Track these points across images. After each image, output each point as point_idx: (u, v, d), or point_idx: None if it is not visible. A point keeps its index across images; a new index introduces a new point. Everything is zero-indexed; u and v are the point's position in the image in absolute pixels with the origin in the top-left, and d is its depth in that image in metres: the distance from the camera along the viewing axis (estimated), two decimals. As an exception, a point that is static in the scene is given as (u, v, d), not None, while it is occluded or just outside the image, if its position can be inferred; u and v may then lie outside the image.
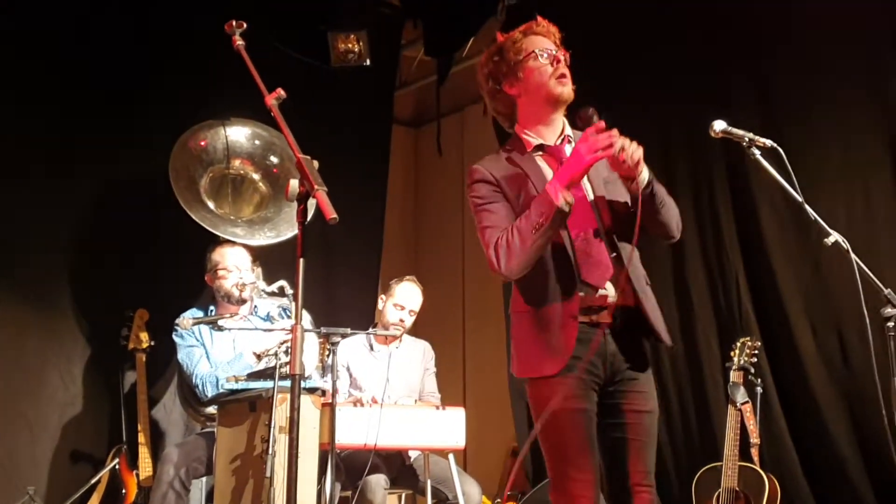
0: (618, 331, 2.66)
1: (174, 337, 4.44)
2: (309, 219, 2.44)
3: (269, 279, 4.23)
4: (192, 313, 4.48)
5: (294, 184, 2.36)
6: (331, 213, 2.24)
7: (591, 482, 2.58)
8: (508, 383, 5.89)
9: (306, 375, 4.00)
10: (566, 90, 2.75)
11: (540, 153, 2.76)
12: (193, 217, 4.76)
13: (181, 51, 5.35)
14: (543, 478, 5.35)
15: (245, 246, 4.70)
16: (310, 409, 3.79)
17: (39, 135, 4.99)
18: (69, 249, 5.10)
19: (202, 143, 5.07)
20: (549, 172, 2.71)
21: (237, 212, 5.19)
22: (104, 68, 5.20)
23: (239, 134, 5.19)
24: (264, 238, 4.98)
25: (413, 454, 4.55)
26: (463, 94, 6.84)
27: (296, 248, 2.42)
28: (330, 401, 3.89)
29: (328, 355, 4.04)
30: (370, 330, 4.73)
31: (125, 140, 5.20)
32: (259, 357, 4.10)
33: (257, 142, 5.22)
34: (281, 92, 2.53)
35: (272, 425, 3.51)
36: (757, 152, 2.96)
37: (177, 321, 4.37)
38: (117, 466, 4.70)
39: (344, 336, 4.08)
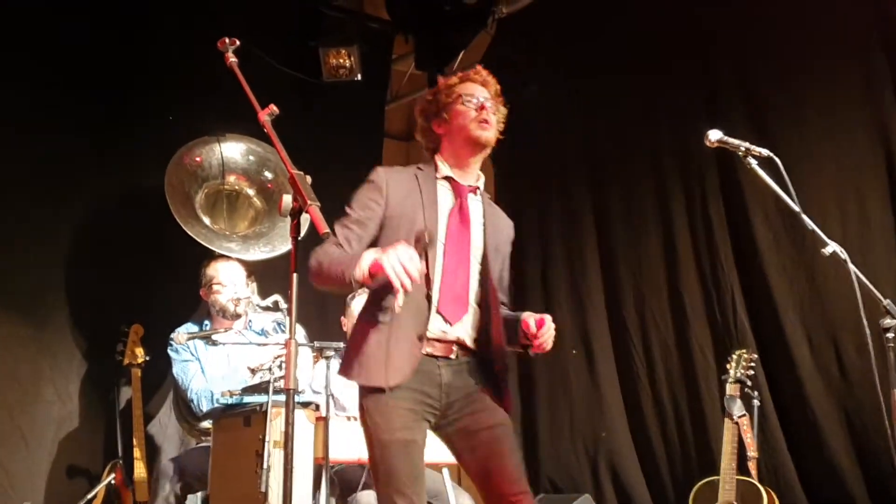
0: (456, 363, 2.75)
1: (169, 352, 4.43)
2: (303, 234, 2.45)
3: (264, 294, 4.23)
4: (187, 328, 4.48)
5: (287, 199, 2.37)
6: (324, 228, 2.26)
7: None
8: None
9: (300, 390, 3.99)
10: (486, 134, 2.86)
11: (446, 182, 2.89)
12: (188, 232, 4.76)
13: (176, 66, 5.36)
14: (539, 491, 5.34)
15: (240, 261, 4.70)
16: (304, 423, 3.78)
17: (35, 150, 4.98)
18: (64, 265, 5.08)
19: (197, 159, 5.08)
20: (446, 200, 2.85)
21: (232, 227, 5.19)
22: (99, 83, 5.21)
23: (234, 150, 5.19)
24: (259, 253, 4.98)
25: (408, 468, 4.52)
26: (456, 107, 6.82)
27: (290, 262, 2.43)
28: (324, 415, 3.88)
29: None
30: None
31: (120, 155, 5.21)
32: (253, 372, 4.09)
33: (252, 157, 5.23)
34: (273, 108, 2.54)
35: (266, 440, 3.50)
36: (753, 162, 2.98)
37: (171, 336, 4.36)
38: (113, 481, 4.68)
39: (337, 350, 4.07)
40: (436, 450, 4.10)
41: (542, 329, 2.71)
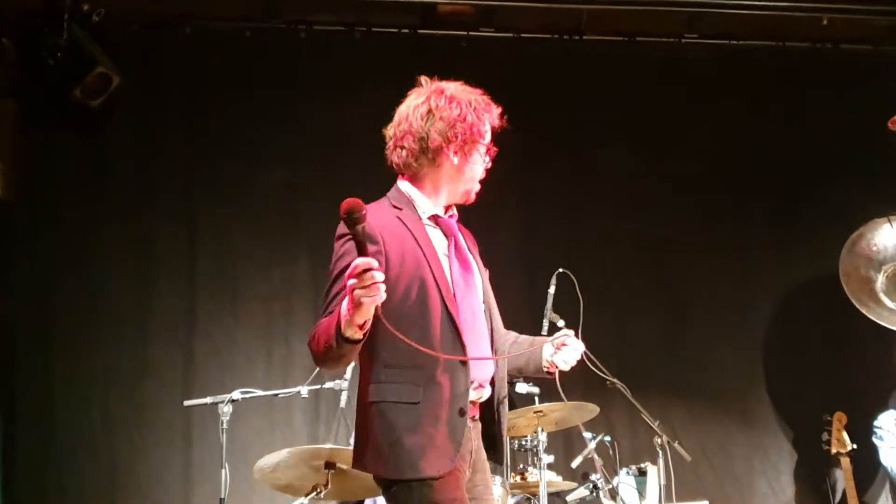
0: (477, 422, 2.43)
1: (873, 440, 4.42)
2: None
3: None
4: (891, 414, 4.43)
5: None
6: None
7: None
8: None
9: None
10: (473, 196, 2.52)
11: (430, 221, 2.45)
12: (870, 316, 4.75)
13: (835, 150, 5.42)
14: None
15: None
16: None
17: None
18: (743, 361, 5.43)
19: (874, 248, 5.06)
20: (439, 243, 2.41)
21: (920, 305, 5.02)
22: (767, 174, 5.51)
23: (904, 229, 5.07)
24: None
25: None
26: None
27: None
28: None
29: None
30: None
31: (799, 245, 5.43)
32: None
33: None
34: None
35: None
36: None
37: (876, 423, 4.35)
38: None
39: None
40: None
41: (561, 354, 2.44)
